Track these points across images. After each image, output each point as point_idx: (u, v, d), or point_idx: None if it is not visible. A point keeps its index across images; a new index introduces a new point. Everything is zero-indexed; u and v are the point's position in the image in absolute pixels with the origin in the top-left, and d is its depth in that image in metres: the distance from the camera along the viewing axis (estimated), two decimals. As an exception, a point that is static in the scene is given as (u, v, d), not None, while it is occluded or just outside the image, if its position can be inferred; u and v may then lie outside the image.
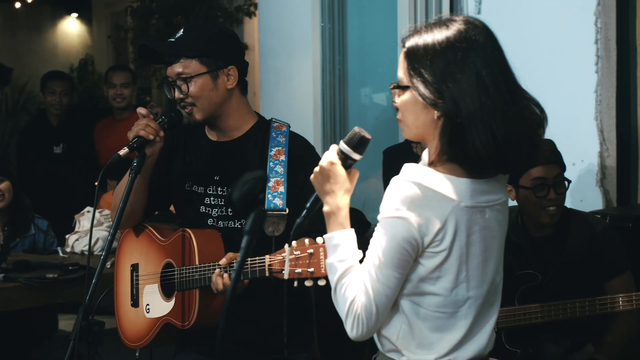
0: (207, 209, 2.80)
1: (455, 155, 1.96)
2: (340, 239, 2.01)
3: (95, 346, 2.58)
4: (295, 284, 2.35)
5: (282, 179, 2.64)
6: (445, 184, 1.96)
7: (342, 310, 1.99)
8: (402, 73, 2.03)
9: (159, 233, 2.86)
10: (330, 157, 2.06)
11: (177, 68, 2.69)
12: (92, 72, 11.03)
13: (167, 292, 2.78)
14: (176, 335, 2.82)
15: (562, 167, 3.50)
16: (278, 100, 5.81)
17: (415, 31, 2.05)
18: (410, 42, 2.02)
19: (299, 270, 2.33)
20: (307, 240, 2.35)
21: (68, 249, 4.36)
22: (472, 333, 2.07)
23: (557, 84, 4.22)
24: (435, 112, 1.96)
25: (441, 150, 1.98)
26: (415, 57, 1.99)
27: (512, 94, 1.98)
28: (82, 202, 5.48)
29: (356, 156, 2.05)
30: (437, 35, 1.99)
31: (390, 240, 1.94)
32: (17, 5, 11.17)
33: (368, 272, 1.97)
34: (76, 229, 4.43)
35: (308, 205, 2.09)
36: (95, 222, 4.39)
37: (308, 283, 2.34)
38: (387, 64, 5.19)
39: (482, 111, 1.93)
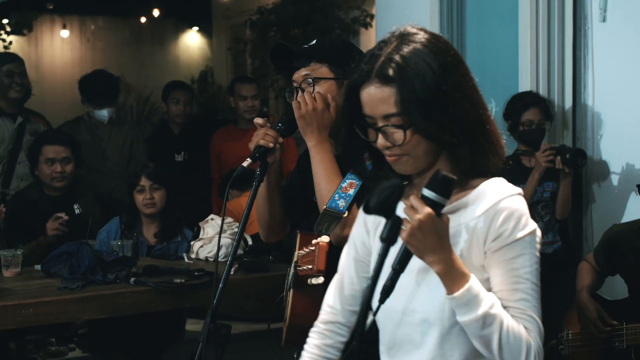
0: None
1: (476, 167, 1.89)
2: (473, 290, 1.76)
3: (223, 348, 2.63)
4: (309, 281, 2.50)
5: (357, 183, 2.63)
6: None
7: (518, 356, 1.77)
8: (393, 108, 1.82)
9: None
10: (423, 209, 1.72)
11: (306, 71, 2.75)
12: (212, 84, 11.30)
13: None
14: (298, 338, 2.85)
15: None
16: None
17: (382, 55, 1.87)
18: (391, 70, 1.83)
19: (310, 266, 2.49)
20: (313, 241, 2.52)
21: (193, 255, 4.47)
22: None
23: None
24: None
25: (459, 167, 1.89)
26: (406, 86, 1.81)
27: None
28: (204, 209, 5.62)
29: (445, 201, 1.76)
30: (415, 53, 1.84)
31: (535, 256, 1.83)
32: (143, 20, 11.56)
33: (525, 301, 1.79)
34: (200, 236, 4.54)
35: (396, 265, 1.74)
36: (218, 229, 4.49)
37: (315, 281, 2.46)
38: (508, 74, 5.13)
39: (483, 124, 1.87)
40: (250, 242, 4.49)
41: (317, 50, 2.78)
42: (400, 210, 1.71)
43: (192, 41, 12.21)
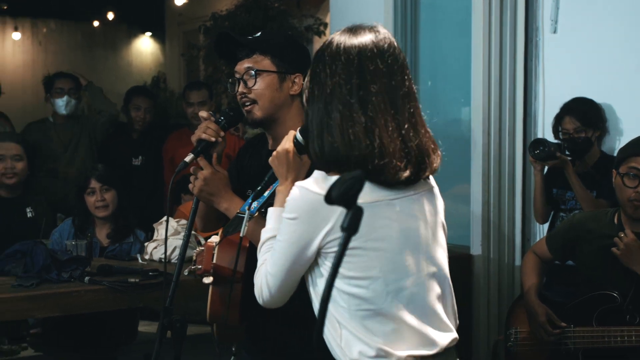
0: None
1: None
2: (271, 214, 2.23)
3: (180, 342, 2.64)
4: (203, 280, 2.61)
5: (273, 186, 2.60)
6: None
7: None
8: None
9: None
10: (286, 144, 2.30)
11: (248, 63, 2.74)
12: (164, 89, 11.27)
13: None
14: (227, 333, 2.89)
15: None
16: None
17: None
18: None
19: (200, 266, 2.61)
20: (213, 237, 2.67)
21: (147, 257, 4.47)
22: (408, 327, 2.08)
23: (635, 102, 4.23)
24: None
25: None
26: None
27: None
28: (158, 212, 5.62)
29: (302, 142, 2.27)
30: None
31: (286, 238, 2.09)
32: (96, 24, 11.50)
33: (270, 255, 2.15)
34: (154, 237, 4.54)
35: (266, 178, 2.43)
36: (173, 231, 4.50)
37: (206, 280, 2.59)
38: (460, 84, 5.22)
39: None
40: (203, 243, 4.51)
41: (260, 42, 2.76)
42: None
43: (145, 46, 12.17)
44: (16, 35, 11.44)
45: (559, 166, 4.15)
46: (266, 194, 2.63)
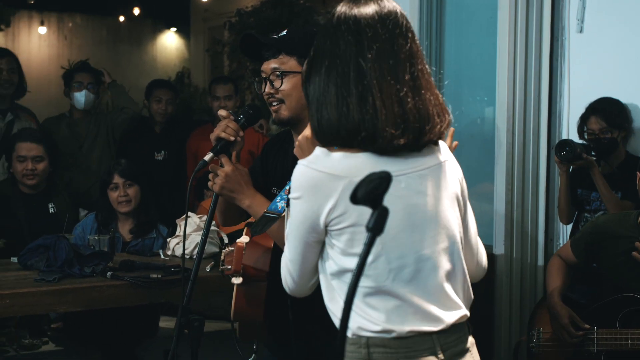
0: None
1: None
2: None
3: (197, 341, 2.65)
4: (231, 280, 2.59)
5: None
6: (338, 163, 2.01)
7: None
8: None
9: None
10: (307, 131, 2.28)
11: (274, 63, 2.72)
12: (189, 85, 11.29)
13: None
14: (250, 331, 2.89)
15: None
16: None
17: None
18: None
19: (229, 266, 2.58)
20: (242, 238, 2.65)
21: (169, 252, 4.48)
22: (410, 305, 2.04)
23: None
24: None
25: None
26: None
27: None
28: (181, 207, 5.63)
29: None
30: None
31: (294, 218, 2.07)
32: (121, 19, 11.55)
33: (287, 239, 2.13)
34: (177, 233, 4.55)
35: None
36: (195, 227, 4.51)
37: (235, 280, 2.55)
38: (485, 83, 5.19)
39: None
40: (226, 240, 4.52)
41: (286, 42, 2.73)
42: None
43: (170, 42, 12.22)
44: (42, 30, 11.52)
45: (585, 167, 4.11)
46: None
